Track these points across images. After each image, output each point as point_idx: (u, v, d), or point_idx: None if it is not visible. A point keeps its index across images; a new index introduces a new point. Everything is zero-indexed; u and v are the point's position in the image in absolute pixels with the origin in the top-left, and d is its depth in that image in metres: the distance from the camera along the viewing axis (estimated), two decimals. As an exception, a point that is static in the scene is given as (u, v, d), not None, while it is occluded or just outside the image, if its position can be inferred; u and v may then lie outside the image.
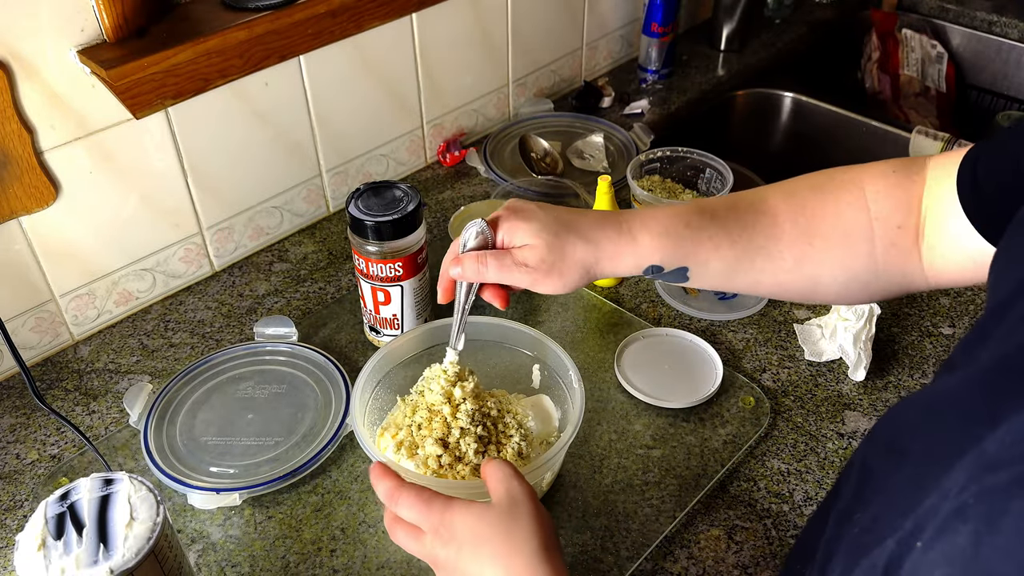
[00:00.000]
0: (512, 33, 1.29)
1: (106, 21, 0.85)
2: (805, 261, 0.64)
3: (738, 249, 0.65)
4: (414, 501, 0.59)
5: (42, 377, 0.95)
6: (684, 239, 0.65)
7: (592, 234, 0.66)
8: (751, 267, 0.66)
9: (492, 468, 0.60)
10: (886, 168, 0.64)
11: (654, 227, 0.66)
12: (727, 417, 0.87)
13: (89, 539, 0.59)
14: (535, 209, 0.67)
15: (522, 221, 0.66)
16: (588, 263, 0.66)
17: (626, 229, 0.66)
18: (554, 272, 0.65)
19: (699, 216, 0.66)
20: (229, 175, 1.04)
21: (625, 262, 0.66)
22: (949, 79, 1.74)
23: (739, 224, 0.65)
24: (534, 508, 0.58)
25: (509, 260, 0.66)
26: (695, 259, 0.66)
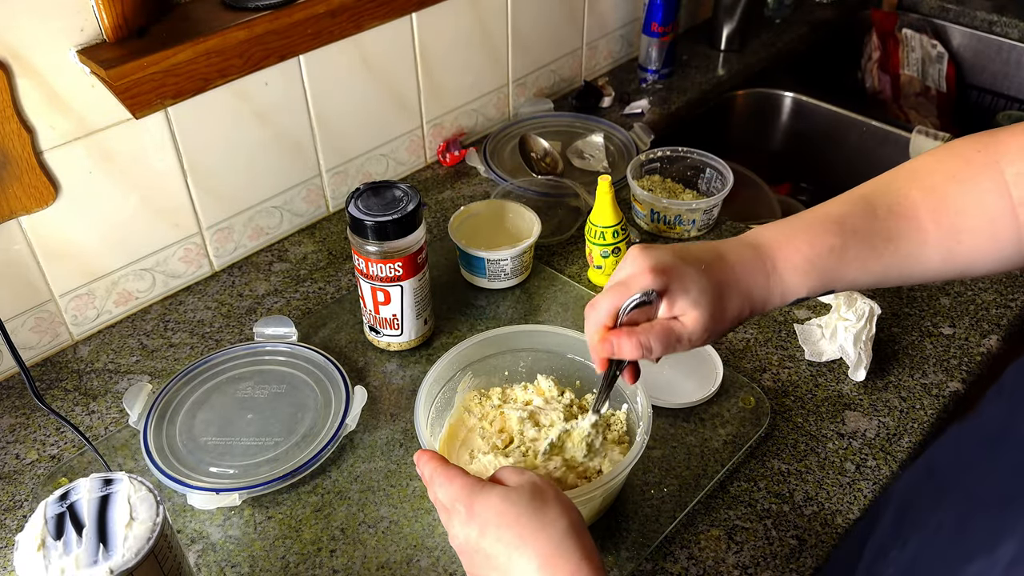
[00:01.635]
0: (512, 33, 1.29)
1: (106, 21, 0.85)
2: (953, 258, 0.62)
3: (885, 260, 0.62)
4: (444, 479, 0.58)
5: (42, 377, 0.95)
6: (830, 267, 0.62)
7: (743, 284, 0.62)
8: (899, 274, 0.63)
9: (505, 468, 0.60)
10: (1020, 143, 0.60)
11: (798, 260, 0.62)
12: (727, 417, 0.87)
13: (89, 539, 0.59)
14: (686, 270, 0.60)
15: (680, 289, 0.60)
16: (742, 316, 0.63)
17: (771, 267, 0.62)
18: (712, 336, 0.62)
19: (841, 235, 0.61)
20: (229, 175, 1.04)
21: (773, 303, 0.63)
22: (949, 79, 1.74)
23: (882, 236, 0.61)
24: (558, 492, 0.58)
25: (674, 339, 0.61)
26: (842, 281, 0.62)
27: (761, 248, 0.63)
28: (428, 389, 0.77)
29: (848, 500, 0.80)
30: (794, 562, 0.75)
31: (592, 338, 0.63)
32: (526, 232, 1.05)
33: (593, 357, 0.64)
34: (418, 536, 0.77)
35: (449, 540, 0.59)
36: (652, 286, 0.60)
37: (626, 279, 0.61)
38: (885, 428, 0.87)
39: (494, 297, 1.04)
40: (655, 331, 0.60)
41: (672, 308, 0.61)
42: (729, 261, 0.62)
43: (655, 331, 0.60)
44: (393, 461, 0.84)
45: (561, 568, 0.52)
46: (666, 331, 0.61)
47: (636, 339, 0.60)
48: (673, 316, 0.61)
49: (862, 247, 0.61)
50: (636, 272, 0.61)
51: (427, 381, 0.77)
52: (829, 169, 1.56)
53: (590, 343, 0.63)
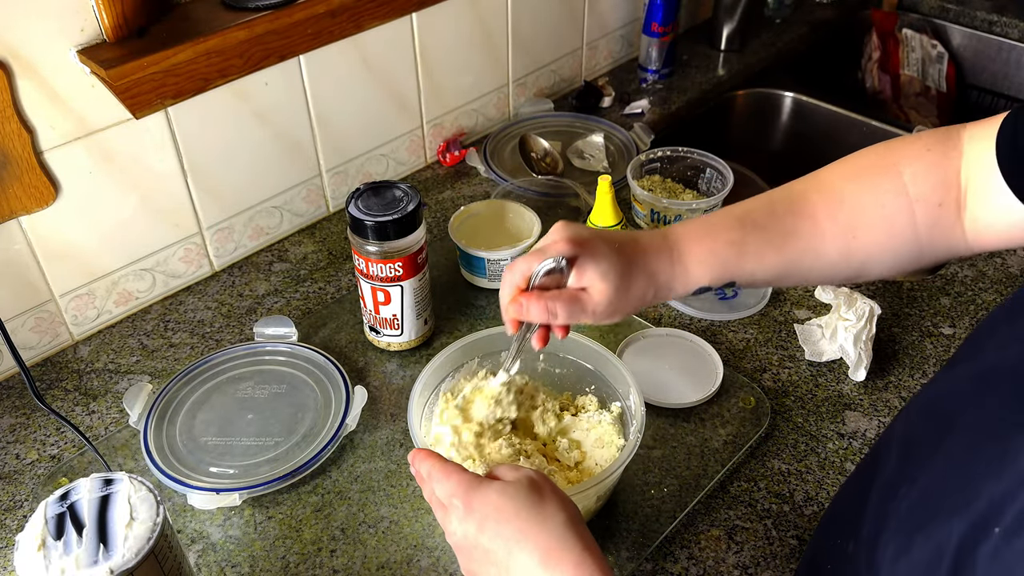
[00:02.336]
0: (512, 33, 1.29)
1: (106, 21, 0.85)
2: (851, 254, 0.64)
3: (783, 256, 0.65)
4: (441, 475, 0.59)
5: (42, 377, 0.95)
6: (729, 258, 0.65)
7: (650, 266, 0.65)
8: (798, 269, 0.66)
9: (502, 465, 0.61)
10: (920, 147, 0.63)
11: (698, 251, 0.65)
12: (727, 417, 0.87)
13: (89, 539, 0.59)
14: (600, 244, 0.64)
15: (591, 260, 0.63)
16: (646, 297, 0.66)
17: (676, 256, 0.66)
18: (616, 312, 0.65)
19: (740, 229, 0.65)
20: (229, 175, 1.04)
21: (676, 289, 0.66)
22: (949, 79, 1.74)
23: (780, 231, 0.65)
24: (554, 487, 0.58)
25: (578, 308, 0.64)
26: (741, 273, 0.66)
27: (669, 238, 0.67)
28: (420, 391, 0.77)
29: (848, 500, 0.80)
30: (794, 562, 0.75)
31: (504, 298, 0.66)
32: (526, 232, 1.05)
33: (504, 317, 0.67)
34: (418, 536, 0.77)
35: (446, 537, 0.59)
36: (566, 254, 0.63)
37: (544, 247, 0.65)
38: (885, 428, 0.87)
39: (494, 297, 1.04)
40: (562, 298, 0.64)
41: (581, 279, 0.64)
42: (640, 244, 0.66)
43: (562, 298, 0.64)
44: (393, 461, 0.84)
45: (564, 560, 0.53)
46: (572, 299, 0.64)
47: (543, 303, 0.63)
48: (582, 287, 0.64)
49: (761, 242, 0.65)
50: (554, 241, 0.64)
51: (419, 382, 0.77)
52: (829, 169, 1.55)
53: (502, 303, 0.66)
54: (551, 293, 0.64)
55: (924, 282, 1.05)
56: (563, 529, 0.54)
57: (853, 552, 0.52)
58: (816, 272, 0.66)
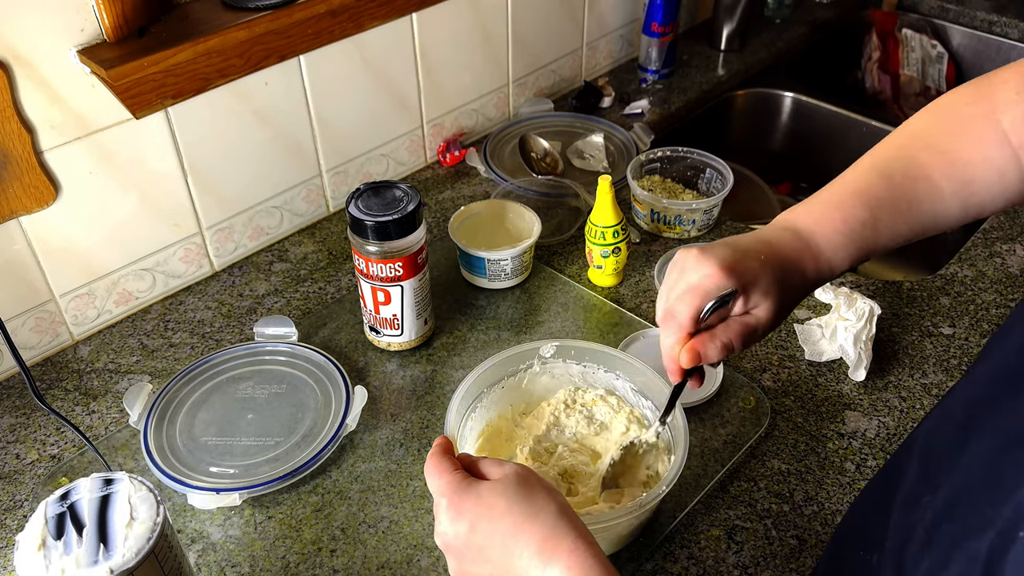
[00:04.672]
0: (512, 33, 1.29)
1: (106, 21, 0.85)
2: (969, 206, 0.65)
3: (911, 223, 0.65)
4: (435, 472, 0.58)
5: (42, 377, 0.95)
6: (866, 237, 0.64)
7: (797, 268, 0.64)
8: (924, 230, 0.66)
9: (485, 459, 0.60)
10: (1010, 92, 0.63)
11: (837, 239, 0.64)
12: (727, 417, 0.87)
13: (89, 539, 0.59)
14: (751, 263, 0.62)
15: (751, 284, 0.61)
16: (801, 298, 0.65)
17: (816, 249, 0.64)
18: (780, 321, 0.64)
19: (867, 207, 0.64)
20: (229, 175, 1.04)
21: (823, 280, 0.66)
22: (949, 79, 1.74)
23: (904, 199, 0.65)
24: (540, 478, 0.58)
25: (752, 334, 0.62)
26: (877, 249, 0.65)
27: (801, 233, 0.65)
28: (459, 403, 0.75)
29: (848, 500, 0.80)
30: (794, 562, 0.75)
31: (673, 349, 0.63)
32: (526, 232, 1.05)
33: (670, 367, 0.64)
34: (418, 536, 0.77)
35: (435, 537, 0.59)
36: (730, 286, 0.60)
37: (698, 283, 0.61)
38: (885, 428, 0.87)
39: (494, 297, 1.04)
40: (734, 330, 0.61)
41: (747, 303, 0.62)
42: (780, 249, 0.64)
43: (734, 330, 0.61)
44: (393, 461, 0.84)
45: (559, 548, 0.53)
46: (744, 327, 0.62)
47: (718, 341, 0.61)
48: (745, 311, 0.62)
49: (890, 215, 0.64)
50: (708, 274, 0.61)
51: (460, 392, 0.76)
52: (829, 169, 1.54)
53: (670, 354, 0.63)
54: (721, 328, 0.62)
55: (924, 282, 1.05)
56: (555, 519, 0.54)
57: (878, 565, 0.51)
58: (938, 228, 0.66)
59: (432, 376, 0.93)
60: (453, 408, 0.74)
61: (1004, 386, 0.46)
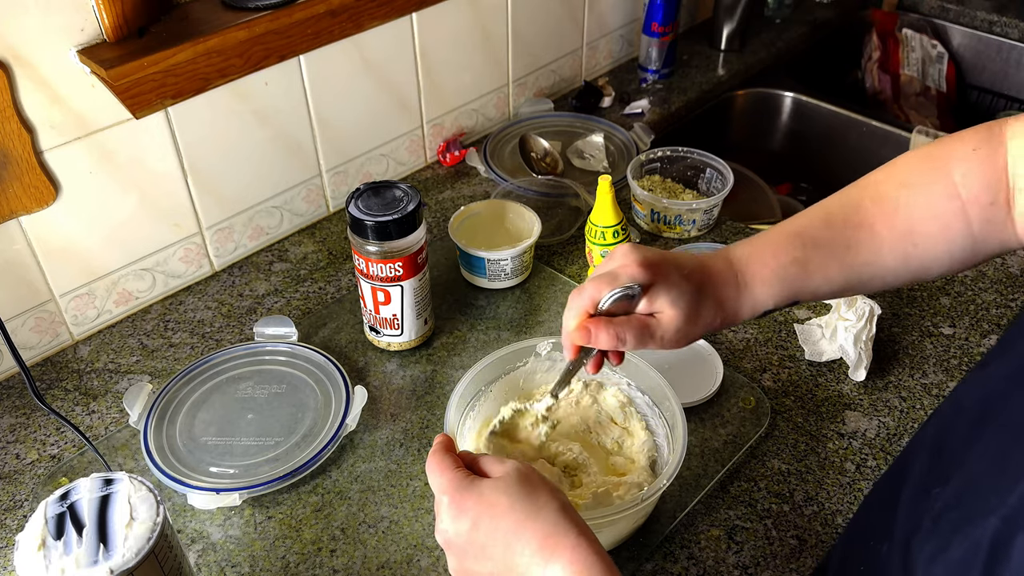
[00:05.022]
0: (512, 33, 1.29)
1: (106, 21, 0.85)
2: (909, 260, 0.64)
3: (845, 269, 0.65)
4: (437, 470, 0.58)
5: (42, 377, 0.95)
6: (795, 277, 0.64)
7: (718, 293, 0.64)
8: (859, 280, 0.66)
9: (486, 457, 0.60)
10: (967, 149, 0.63)
11: (764, 273, 0.65)
12: (727, 417, 0.87)
13: (89, 539, 0.59)
14: (671, 270, 0.63)
15: (663, 287, 0.62)
16: (713, 324, 0.65)
17: (742, 280, 0.65)
18: (683, 339, 0.64)
19: (802, 247, 0.65)
20: (229, 175, 1.04)
21: (743, 314, 0.65)
22: (949, 79, 1.74)
23: (841, 244, 0.64)
24: (542, 477, 0.58)
25: (647, 335, 0.62)
26: (805, 292, 0.65)
27: (733, 262, 0.65)
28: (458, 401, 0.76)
29: (848, 500, 0.80)
30: (794, 562, 0.75)
31: (570, 323, 0.64)
32: (526, 232, 1.05)
33: (565, 342, 0.66)
34: (418, 536, 0.77)
35: (436, 534, 0.59)
36: (640, 280, 0.61)
37: (614, 270, 0.63)
38: (885, 428, 0.87)
39: (494, 297, 1.04)
40: (632, 324, 0.62)
41: (652, 305, 0.62)
42: (708, 270, 0.65)
43: (632, 324, 0.62)
44: (393, 461, 0.84)
45: (560, 545, 0.53)
46: (642, 326, 0.62)
47: (613, 329, 0.62)
48: (650, 313, 0.63)
49: (823, 257, 0.64)
50: (625, 264, 0.63)
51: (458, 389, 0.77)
52: (829, 169, 1.56)
53: (566, 328, 0.64)
54: (619, 320, 0.62)
55: (924, 282, 1.05)
56: (557, 516, 0.54)
57: (887, 554, 0.52)
58: (877, 280, 0.66)
59: (432, 376, 0.93)
60: (452, 405, 0.75)
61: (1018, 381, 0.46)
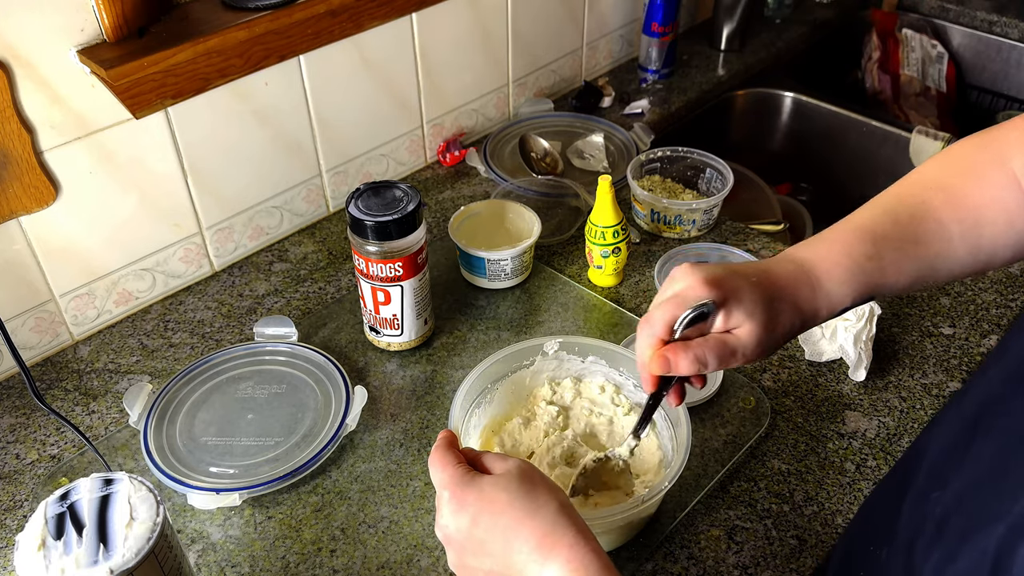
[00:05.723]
0: (512, 33, 1.29)
1: (106, 21, 0.85)
2: (978, 251, 0.64)
3: (918, 263, 0.64)
4: (438, 465, 0.58)
5: (42, 377, 0.95)
6: (870, 274, 0.63)
7: (792, 297, 0.62)
8: (931, 273, 0.65)
9: (488, 454, 0.61)
10: (1020, 135, 0.63)
11: (839, 272, 0.63)
12: (727, 417, 0.87)
13: (89, 539, 0.59)
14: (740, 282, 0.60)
15: (735, 301, 0.60)
16: (793, 330, 0.62)
17: (815, 280, 0.63)
18: (766, 350, 0.61)
19: (873, 244, 0.63)
20: (229, 175, 1.04)
21: (821, 316, 0.63)
22: (949, 79, 1.74)
23: (911, 239, 0.63)
24: (543, 475, 0.58)
25: (728, 353, 0.60)
26: (881, 288, 0.64)
27: (803, 263, 0.63)
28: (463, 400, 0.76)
29: (848, 500, 0.80)
30: (794, 562, 0.75)
31: (644, 353, 0.61)
32: (526, 232, 1.05)
33: (643, 375, 0.63)
34: (418, 536, 0.77)
35: (436, 529, 0.59)
36: (710, 297, 0.59)
37: (681, 292, 0.60)
38: (885, 428, 0.87)
39: (494, 297, 1.04)
40: (710, 345, 0.59)
41: (728, 321, 0.60)
42: (775, 275, 0.62)
43: (710, 345, 0.59)
44: (393, 461, 0.84)
45: (558, 544, 0.53)
46: (721, 344, 0.60)
47: (692, 353, 0.59)
48: (727, 329, 0.60)
49: (895, 253, 0.63)
50: (691, 284, 0.60)
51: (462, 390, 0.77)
52: (829, 169, 1.56)
53: (641, 359, 0.62)
54: (697, 341, 0.60)
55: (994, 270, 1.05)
56: (556, 515, 0.54)
57: (887, 559, 0.52)
58: (946, 273, 0.65)
59: (432, 376, 0.93)
60: (457, 402, 0.75)
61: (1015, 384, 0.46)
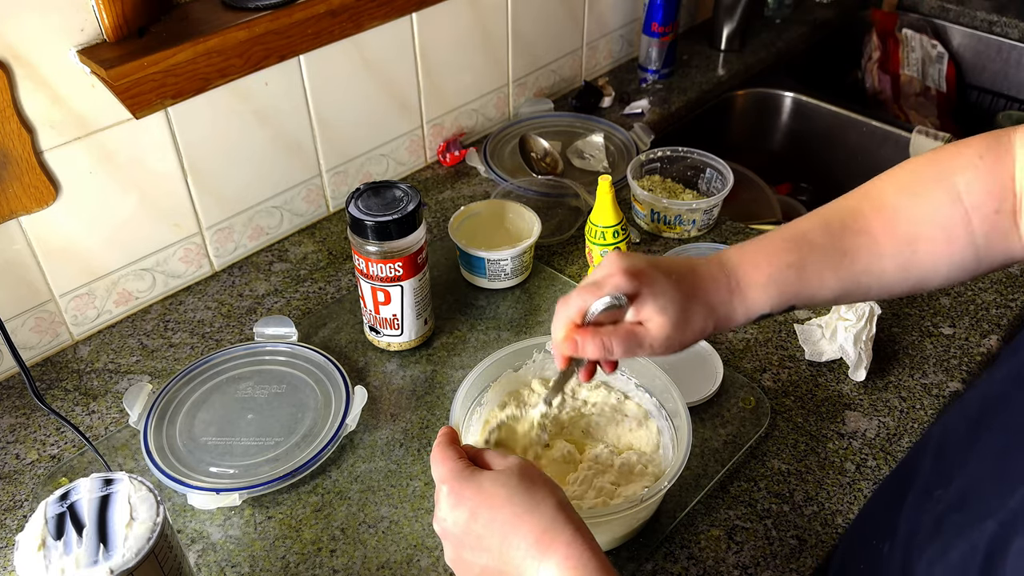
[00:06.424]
0: (512, 33, 1.29)
1: (106, 21, 0.85)
2: (909, 268, 0.63)
3: (842, 275, 0.63)
4: (439, 460, 0.59)
5: (42, 377, 0.95)
6: (790, 282, 0.63)
7: (709, 298, 0.63)
8: (857, 288, 0.64)
9: (488, 451, 0.61)
10: (972, 155, 0.62)
11: (759, 277, 0.63)
12: (727, 417, 0.87)
13: (89, 539, 0.59)
14: (658, 277, 0.62)
15: (649, 295, 0.61)
16: (705, 330, 0.63)
17: (735, 284, 0.63)
18: (674, 346, 0.63)
19: (798, 251, 0.63)
20: (229, 175, 1.04)
21: (736, 319, 0.64)
22: (949, 79, 1.74)
23: (839, 250, 0.63)
24: (542, 473, 0.58)
25: (635, 343, 0.61)
26: (802, 297, 0.64)
27: (726, 266, 0.64)
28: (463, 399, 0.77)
29: (848, 500, 0.80)
30: (794, 562, 0.75)
31: (557, 334, 0.63)
32: (526, 232, 1.05)
33: (555, 353, 0.65)
34: (418, 536, 0.77)
35: (434, 523, 0.60)
36: (625, 289, 0.60)
37: (600, 280, 0.62)
38: (885, 428, 0.87)
39: (494, 297, 1.04)
40: (619, 334, 0.61)
41: (639, 313, 0.61)
42: (698, 275, 0.63)
43: (619, 334, 0.61)
44: (393, 461, 0.84)
45: (556, 541, 0.53)
46: (629, 335, 0.61)
47: (600, 339, 0.61)
48: (638, 321, 0.62)
49: (819, 262, 0.63)
50: (610, 273, 0.62)
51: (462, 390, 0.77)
52: (829, 169, 1.56)
53: (555, 338, 0.64)
54: (606, 329, 0.62)
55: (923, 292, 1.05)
56: (554, 512, 0.55)
57: (888, 553, 0.52)
58: (875, 290, 0.65)
59: (432, 376, 0.93)
60: (459, 399, 0.75)
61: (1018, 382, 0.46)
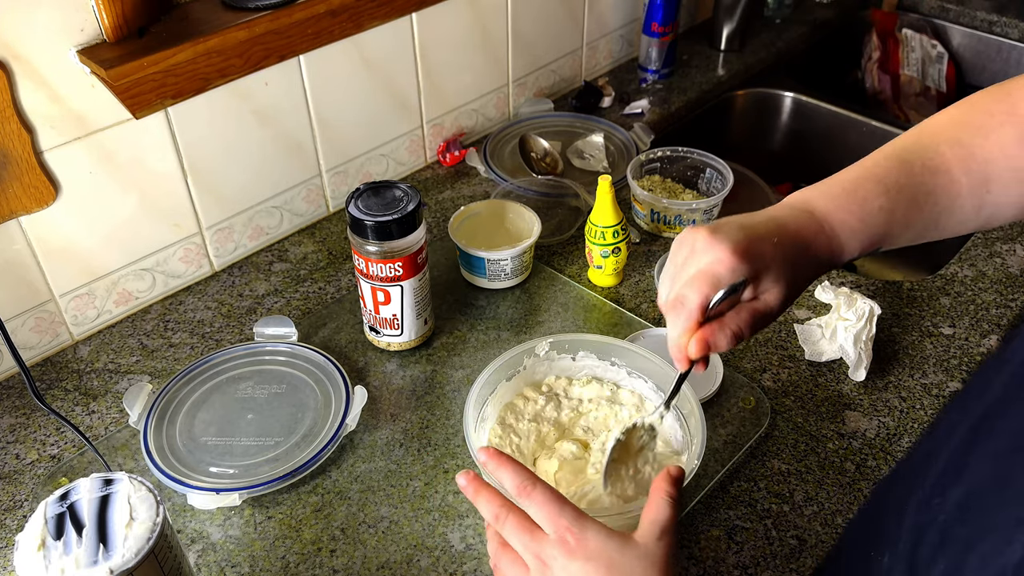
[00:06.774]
0: (512, 33, 1.29)
1: (106, 21, 0.85)
2: (983, 207, 0.63)
3: (924, 216, 0.63)
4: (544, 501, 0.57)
5: (42, 377, 0.95)
6: (880, 225, 0.62)
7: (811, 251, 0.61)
8: (935, 227, 0.64)
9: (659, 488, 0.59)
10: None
11: (852, 222, 0.62)
12: (727, 417, 0.87)
13: (89, 539, 0.59)
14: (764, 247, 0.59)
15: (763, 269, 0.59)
16: (811, 280, 0.63)
17: (830, 231, 0.62)
18: (790, 304, 0.61)
19: (886, 194, 0.62)
20: (229, 175, 1.04)
21: (834, 265, 0.63)
22: (949, 79, 1.74)
23: (923, 191, 0.62)
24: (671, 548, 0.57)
25: (762, 320, 0.59)
26: (889, 239, 0.63)
27: (817, 215, 0.62)
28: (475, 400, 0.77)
29: (848, 500, 0.80)
30: (794, 562, 0.75)
31: (681, 339, 0.59)
32: (526, 232, 1.05)
33: (677, 356, 0.61)
34: (418, 536, 0.77)
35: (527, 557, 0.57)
36: (744, 273, 0.57)
37: (708, 269, 0.58)
38: (885, 428, 0.87)
39: (494, 297, 1.04)
40: (744, 317, 0.59)
41: (756, 288, 0.59)
42: (792, 230, 0.61)
43: (744, 317, 0.59)
44: (393, 461, 0.84)
45: None
46: (754, 313, 0.59)
47: (728, 331, 0.58)
48: (754, 296, 0.60)
49: (907, 205, 0.62)
50: (719, 258, 0.58)
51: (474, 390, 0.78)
52: (829, 169, 1.53)
53: (679, 343, 0.59)
54: (731, 317, 0.59)
55: (924, 282, 1.05)
56: None
57: (889, 565, 0.51)
58: (948, 228, 0.65)
59: (432, 376, 0.93)
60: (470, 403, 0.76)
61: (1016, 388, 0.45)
